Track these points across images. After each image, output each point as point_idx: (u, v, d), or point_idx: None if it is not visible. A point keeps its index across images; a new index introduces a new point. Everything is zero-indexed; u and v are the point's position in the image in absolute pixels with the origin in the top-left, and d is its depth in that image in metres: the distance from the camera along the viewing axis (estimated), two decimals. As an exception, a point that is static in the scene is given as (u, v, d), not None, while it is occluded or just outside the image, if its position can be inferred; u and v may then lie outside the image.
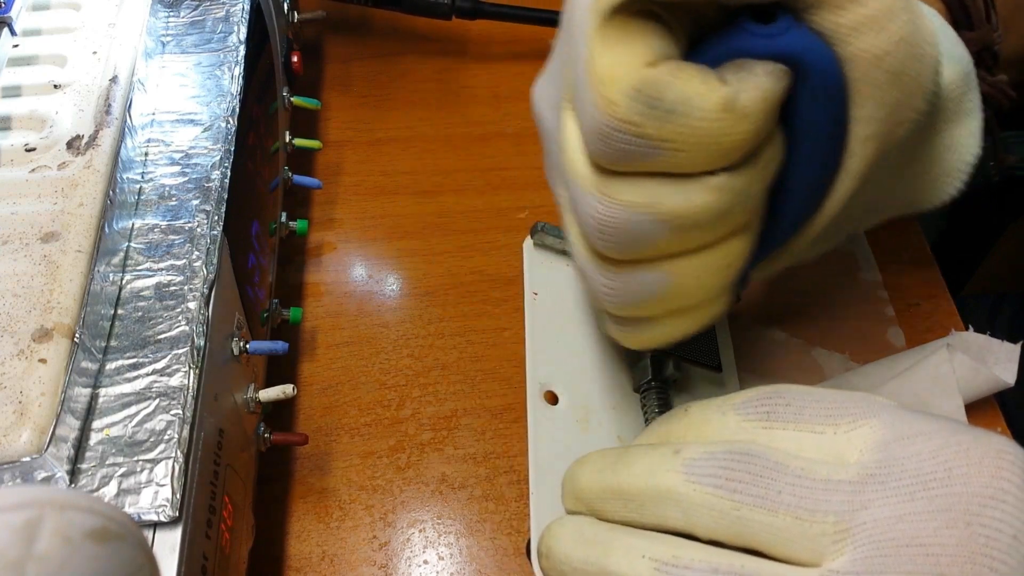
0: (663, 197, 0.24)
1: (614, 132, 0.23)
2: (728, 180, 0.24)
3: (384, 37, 0.55)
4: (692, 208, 0.24)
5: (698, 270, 0.26)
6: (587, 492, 0.27)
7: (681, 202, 0.24)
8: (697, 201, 0.24)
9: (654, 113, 0.22)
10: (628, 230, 0.24)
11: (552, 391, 0.34)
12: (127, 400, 0.27)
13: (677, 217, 0.24)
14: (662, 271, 0.26)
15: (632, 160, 0.23)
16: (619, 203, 0.24)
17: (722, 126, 0.22)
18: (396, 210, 0.47)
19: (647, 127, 0.22)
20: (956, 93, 0.28)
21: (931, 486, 0.22)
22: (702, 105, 0.22)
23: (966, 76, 0.28)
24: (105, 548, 0.17)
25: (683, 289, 0.26)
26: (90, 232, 0.29)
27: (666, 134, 0.22)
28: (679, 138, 0.22)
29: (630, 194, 0.24)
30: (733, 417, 0.26)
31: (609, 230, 0.25)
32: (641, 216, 0.24)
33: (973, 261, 0.66)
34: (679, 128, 0.22)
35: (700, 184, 0.24)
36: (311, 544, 0.36)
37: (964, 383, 0.35)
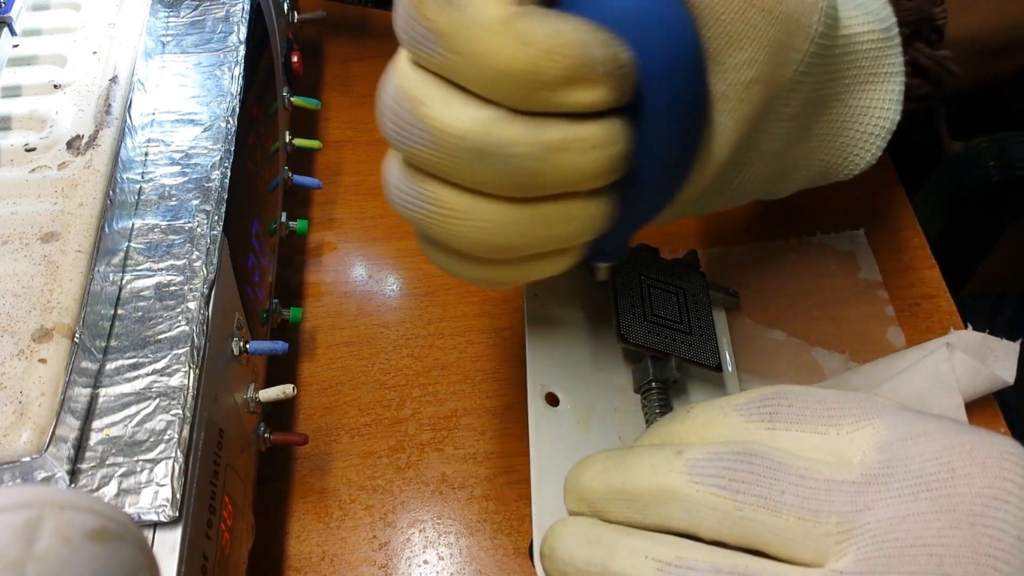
0: (432, 99, 0.22)
1: (406, 8, 0.22)
2: (496, 119, 0.22)
3: (384, 37, 0.55)
4: (447, 125, 0.22)
5: (452, 208, 0.24)
6: (590, 493, 0.27)
7: (442, 113, 0.22)
8: (456, 121, 0.22)
9: None
10: (399, 119, 0.23)
11: (553, 392, 0.34)
12: (127, 400, 0.27)
13: (432, 125, 0.22)
14: (423, 189, 0.24)
15: (419, 47, 0.22)
16: (398, 86, 0.23)
17: (496, 40, 0.21)
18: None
19: (427, 8, 0.21)
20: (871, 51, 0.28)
21: (934, 486, 0.22)
22: (481, 7, 0.21)
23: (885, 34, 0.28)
24: (105, 548, 0.17)
25: (438, 221, 0.24)
26: (90, 232, 0.29)
27: (442, 26, 0.21)
28: (453, 35, 0.21)
29: (410, 82, 0.23)
30: (736, 418, 0.26)
31: (386, 111, 0.23)
32: (402, 106, 0.23)
33: (973, 261, 0.66)
34: (454, 22, 0.21)
35: (467, 104, 0.22)
36: (311, 544, 0.36)
37: (964, 382, 0.35)
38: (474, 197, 0.24)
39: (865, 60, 0.28)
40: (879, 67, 0.28)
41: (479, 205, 0.24)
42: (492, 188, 0.24)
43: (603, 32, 0.22)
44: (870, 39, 0.27)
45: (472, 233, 0.24)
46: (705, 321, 0.36)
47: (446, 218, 0.24)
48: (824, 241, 0.43)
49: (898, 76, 0.28)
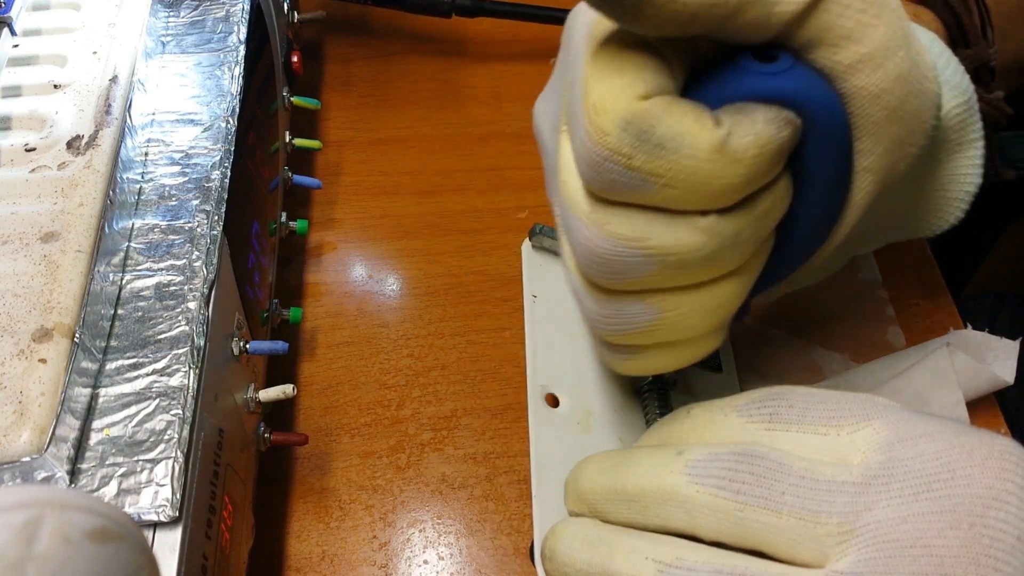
0: (651, 232, 0.23)
1: (604, 162, 0.22)
2: (718, 223, 0.23)
3: (384, 37, 0.55)
4: (679, 247, 0.23)
5: (687, 308, 0.26)
6: (590, 493, 0.27)
7: (669, 239, 0.23)
8: (685, 240, 0.23)
9: (644, 146, 0.22)
10: (615, 261, 0.24)
11: (553, 393, 0.34)
12: (127, 400, 0.27)
13: (664, 254, 0.24)
14: (650, 305, 0.25)
15: (622, 191, 0.23)
16: (607, 233, 0.24)
17: (712, 168, 0.22)
18: (396, 210, 0.47)
19: (636, 159, 0.22)
20: (957, 122, 0.28)
21: (935, 487, 0.22)
22: (692, 143, 0.22)
23: (967, 105, 0.28)
24: (105, 548, 0.17)
25: (672, 324, 0.26)
26: (90, 232, 0.29)
27: (655, 168, 0.22)
28: (668, 174, 0.22)
29: (619, 226, 0.24)
30: (736, 419, 0.26)
31: (597, 259, 0.24)
32: (629, 249, 0.24)
33: (973, 261, 0.66)
34: (668, 164, 0.22)
35: (690, 223, 0.23)
36: (311, 544, 0.36)
37: (964, 381, 0.35)
38: (700, 290, 0.25)
39: (952, 133, 0.28)
40: (963, 137, 0.29)
41: (718, 288, 0.26)
42: (718, 273, 0.25)
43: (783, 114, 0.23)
44: (956, 113, 0.28)
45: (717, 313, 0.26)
46: (705, 321, 0.36)
47: (687, 315, 0.26)
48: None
49: (979, 141, 0.29)
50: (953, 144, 0.29)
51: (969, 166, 0.29)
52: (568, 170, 0.25)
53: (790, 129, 0.23)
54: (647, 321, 0.26)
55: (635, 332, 0.26)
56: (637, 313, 0.26)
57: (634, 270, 0.24)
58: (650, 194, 0.23)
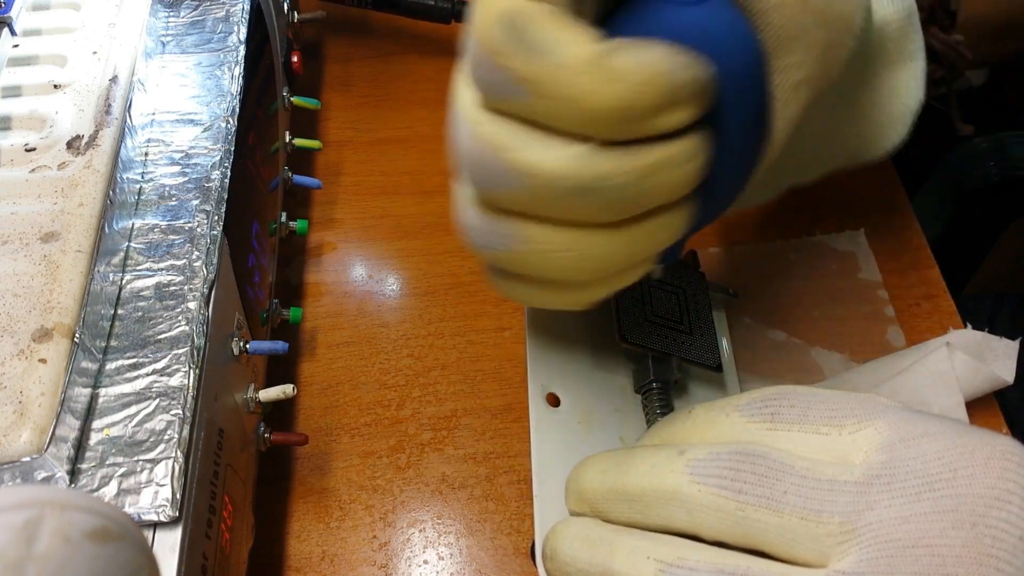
0: (519, 144, 0.22)
1: (482, 58, 0.22)
2: (591, 154, 0.22)
3: (384, 37, 0.55)
4: (544, 168, 0.22)
5: (557, 245, 0.24)
6: (591, 493, 0.27)
7: (534, 156, 0.22)
8: (552, 162, 0.22)
9: (519, 46, 0.21)
10: (482, 166, 0.23)
11: (554, 393, 0.34)
12: (127, 400, 0.27)
13: (524, 169, 0.22)
14: (511, 229, 0.24)
15: (499, 95, 0.22)
16: (477, 134, 0.23)
17: (585, 81, 0.21)
18: (396, 210, 0.47)
19: (509, 59, 0.21)
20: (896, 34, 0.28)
21: (936, 487, 0.22)
22: (566, 50, 0.21)
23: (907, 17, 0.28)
24: (105, 548, 0.17)
25: (537, 259, 0.25)
26: (90, 232, 0.29)
27: (527, 72, 0.21)
28: (538, 79, 0.21)
29: (490, 129, 0.23)
30: (737, 418, 0.26)
31: (466, 161, 0.23)
32: (492, 156, 0.23)
33: (973, 261, 0.66)
34: (539, 69, 0.21)
35: (562, 146, 0.22)
36: (311, 544, 0.36)
37: (964, 382, 0.35)
38: (570, 230, 0.24)
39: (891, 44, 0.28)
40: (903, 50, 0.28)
41: (576, 236, 0.24)
42: (589, 218, 0.24)
43: (684, 54, 0.22)
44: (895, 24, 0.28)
45: (572, 263, 0.24)
46: (705, 321, 0.36)
47: (542, 254, 0.24)
48: (824, 241, 0.43)
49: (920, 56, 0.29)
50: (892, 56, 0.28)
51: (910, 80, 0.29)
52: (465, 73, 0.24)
53: (690, 74, 0.22)
54: (511, 247, 0.25)
55: (501, 255, 0.25)
56: (498, 234, 0.24)
57: (498, 181, 0.23)
58: (526, 104, 0.22)
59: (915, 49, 0.29)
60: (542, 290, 0.27)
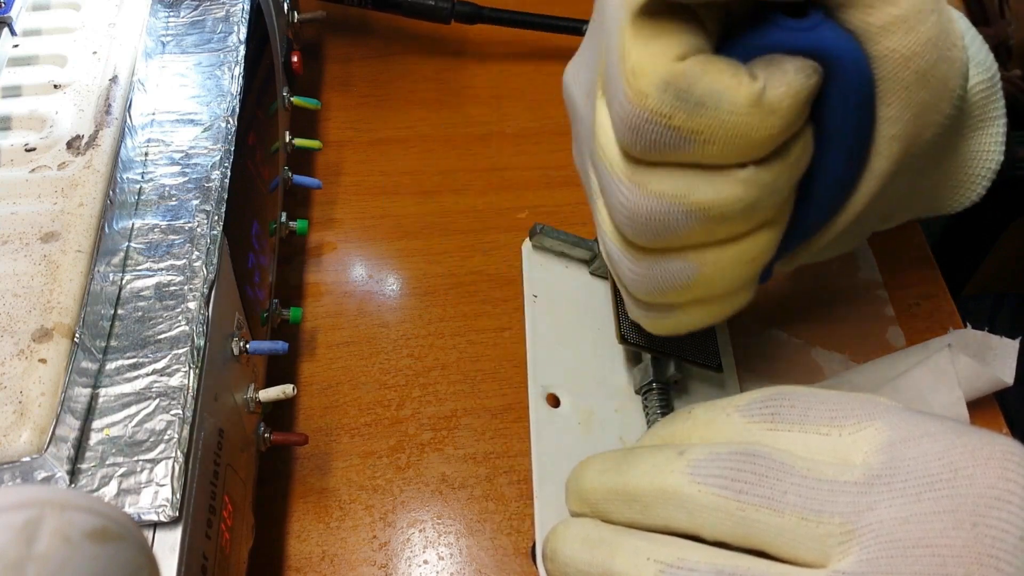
0: (692, 188, 0.24)
1: (644, 123, 0.23)
2: (756, 174, 0.24)
3: (384, 37, 0.55)
4: (721, 200, 0.24)
5: (725, 261, 0.26)
6: (591, 493, 0.27)
7: (710, 194, 0.24)
8: (726, 193, 0.24)
9: (683, 106, 0.23)
10: (657, 219, 0.25)
11: (554, 394, 0.34)
12: (127, 400, 0.27)
13: (706, 208, 0.24)
14: (689, 261, 0.26)
15: (662, 151, 0.24)
16: (649, 193, 0.24)
17: (750, 120, 0.23)
18: (396, 210, 0.47)
19: (676, 119, 0.23)
20: (981, 99, 0.28)
21: (937, 487, 0.22)
22: (731, 99, 0.22)
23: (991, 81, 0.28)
24: (105, 548, 0.17)
25: (709, 279, 0.27)
26: (90, 232, 0.29)
27: (695, 126, 0.23)
28: (708, 130, 0.23)
29: (660, 184, 0.24)
30: (738, 419, 0.26)
31: (639, 219, 0.25)
32: (670, 206, 0.24)
33: (973, 261, 0.66)
34: (708, 121, 0.23)
35: (729, 177, 0.24)
36: (311, 544, 0.36)
37: (965, 383, 0.35)
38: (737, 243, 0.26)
39: (976, 109, 0.29)
40: (986, 113, 0.29)
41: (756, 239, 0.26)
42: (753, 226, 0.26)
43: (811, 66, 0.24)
44: (980, 89, 0.28)
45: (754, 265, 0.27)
46: (705, 321, 0.36)
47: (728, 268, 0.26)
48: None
49: (1001, 119, 0.29)
50: (976, 120, 0.29)
51: (991, 143, 0.30)
52: (606, 135, 0.25)
53: (816, 78, 0.24)
54: (686, 277, 0.26)
55: (674, 289, 0.27)
56: (677, 270, 0.26)
57: (676, 227, 0.25)
58: (690, 152, 0.23)
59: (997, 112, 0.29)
60: (704, 308, 0.28)
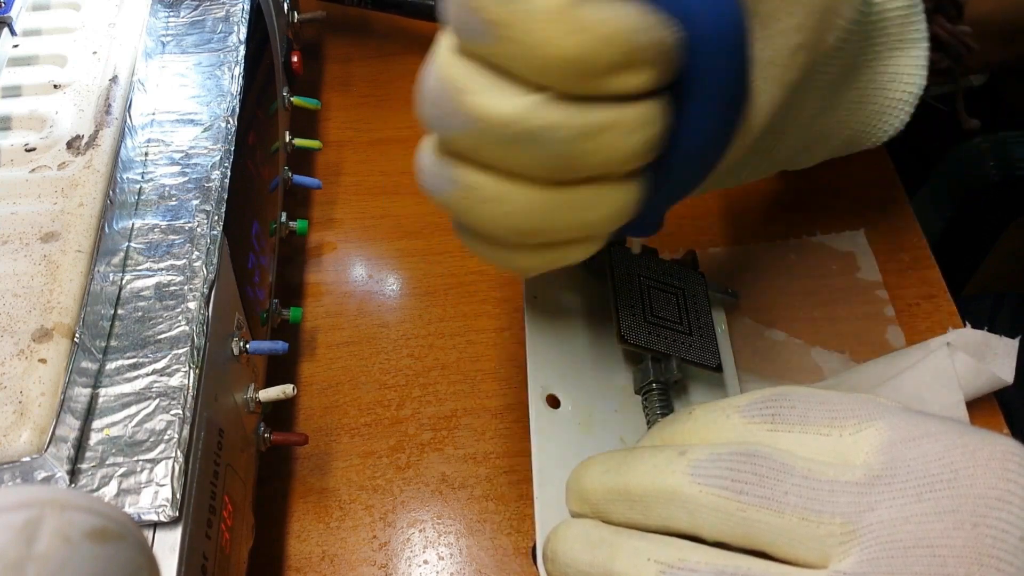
0: (474, 85, 0.22)
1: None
2: (540, 104, 0.22)
3: (384, 37, 0.55)
4: (491, 111, 0.22)
5: (486, 193, 0.24)
6: (592, 493, 0.27)
7: (486, 100, 0.22)
8: (500, 107, 0.22)
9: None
10: (435, 103, 0.23)
11: (554, 394, 0.34)
12: (127, 400, 0.27)
13: (469, 112, 0.22)
14: (455, 172, 0.24)
15: (470, 37, 0.22)
16: (439, 71, 0.23)
17: (551, 28, 0.21)
18: (396, 210, 0.47)
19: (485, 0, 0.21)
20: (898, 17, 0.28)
21: (937, 487, 0.22)
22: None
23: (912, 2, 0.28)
24: (105, 548, 0.17)
25: (469, 206, 0.25)
26: (90, 232, 0.29)
27: (497, 16, 0.21)
28: (508, 25, 0.21)
29: (452, 67, 0.23)
30: (738, 419, 0.26)
31: (424, 95, 0.24)
32: (448, 92, 0.23)
33: (973, 261, 0.66)
34: (511, 13, 0.21)
35: (513, 93, 0.22)
36: (311, 544, 0.36)
37: (965, 382, 0.35)
38: (508, 182, 0.24)
39: (893, 27, 0.28)
40: (905, 34, 0.28)
41: (512, 189, 0.24)
42: (529, 172, 0.24)
43: (654, 15, 0.22)
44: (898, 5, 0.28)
45: (503, 217, 0.24)
46: (705, 321, 0.36)
47: (479, 203, 0.24)
48: (824, 241, 0.43)
49: (923, 43, 0.29)
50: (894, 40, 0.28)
51: (911, 66, 0.29)
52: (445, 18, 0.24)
53: (655, 36, 0.22)
54: (447, 190, 0.25)
55: (439, 198, 0.25)
56: (442, 177, 0.25)
57: (451, 122, 0.23)
58: (491, 47, 0.22)
59: (918, 34, 0.28)
60: (492, 247, 0.27)
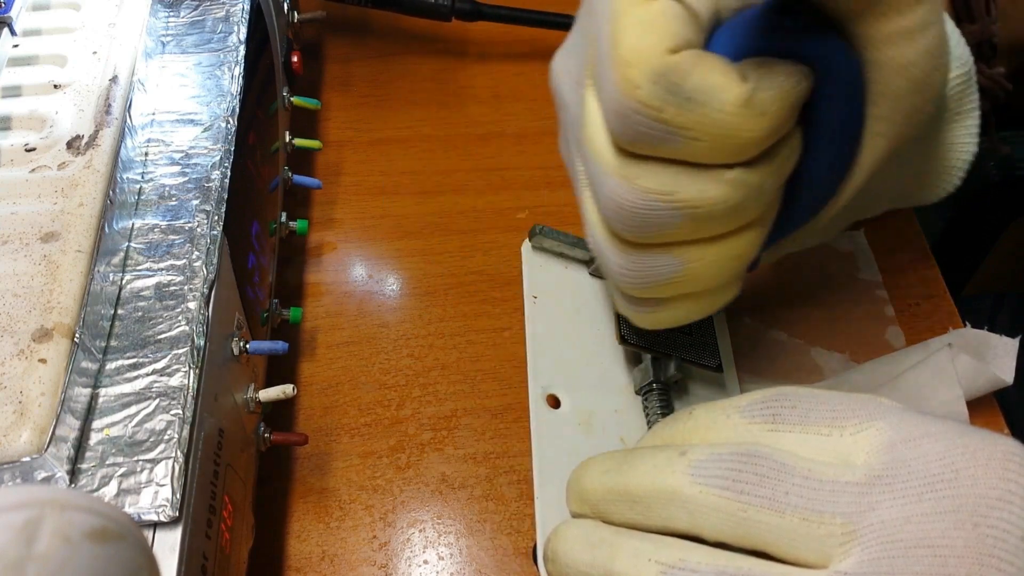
0: (680, 186, 0.24)
1: (634, 114, 0.23)
2: (743, 175, 0.24)
3: (384, 37, 0.55)
4: (707, 200, 0.24)
5: (710, 258, 0.26)
6: (592, 494, 0.27)
7: (696, 192, 0.24)
8: (712, 193, 0.24)
9: (674, 99, 0.23)
10: (643, 214, 0.25)
11: (554, 395, 0.34)
12: (127, 400, 0.27)
13: (692, 207, 0.24)
14: (675, 257, 0.26)
15: (651, 144, 0.24)
16: (636, 187, 0.24)
17: (739, 121, 0.23)
18: (396, 210, 0.47)
19: (666, 112, 0.23)
20: (958, 92, 0.29)
21: (938, 487, 0.22)
22: (721, 97, 0.22)
23: (967, 76, 0.29)
24: (105, 548, 0.17)
25: (696, 275, 0.27)
26: (90, 232, 0.29)
27: (684, 121, 0.23)
28: (697, 127, 0.23)
29: (648, 179, 0.24)
30: (738, 419, 0.26)
31: (625, 212, 0.25)
32: (658, 202, 0.24)
33: (973, 261, 0.66)
34: (697, 117, 0.23)
35: (716, 177, 0.24)
36: (311, 544, 0.36)
37: (966, 382, 0.35)
38: (722, 241, 0.26)
39: (952, 102, 0.29)
40: (962, 106, 0.30)
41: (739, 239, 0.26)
42: (738, 226, 0.26)
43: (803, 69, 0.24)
44: (957, 83, 0.29)
45: (736, 263, 0.27)
46: (705, 321, 0.36)
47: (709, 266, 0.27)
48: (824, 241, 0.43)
49: (976, 111, 0.30)
50: (952, 113, 0.30)
51: (966, 135, 0.30)
52: (594, 124, 0.25)
53: (807, 83, 0.24)
54: (672, 273, 0.27)
55: (659, 284, 0.27)
56: (663, 265, 0.27)
57: (661, 223, 0.25)
58: (678, 147, 0.23)
59: (971, 104, 0.30)
60: (691, 303, 0.29)
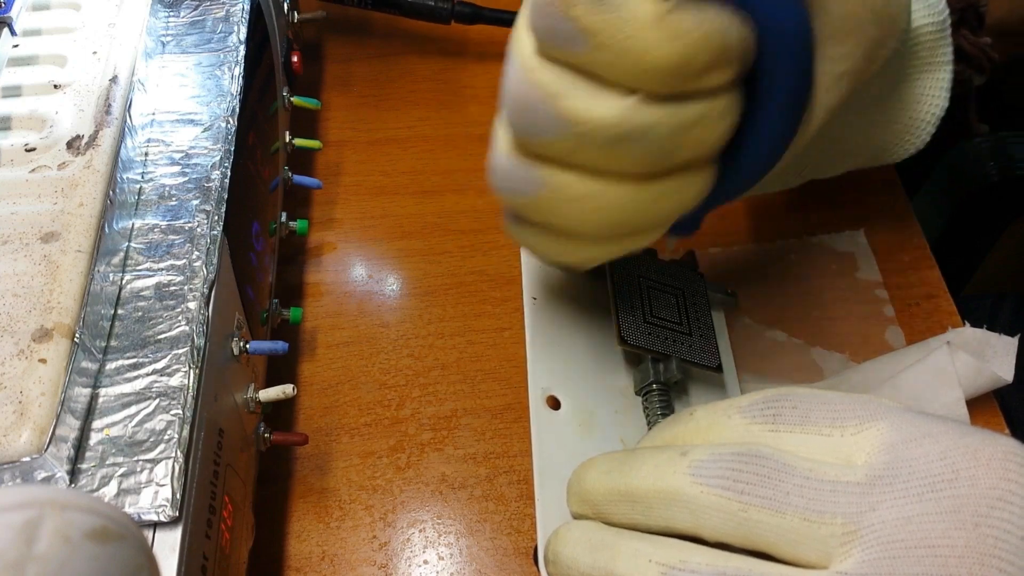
0: (571, 92, 0.23)
1: (549, 6, 0.22)
2: (637, 107, 0.23)
3: (384, 37, 0.55)
4: (590, 116, 0.23)
5: (573, 192, 0.25)
6: (593, 494, 0.27)
7: (582, 105, 0.23)
8: (598, 112, 0.23)
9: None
10: (529, 110, 0.24)
11: (554, 396, 0.34)
12: (127, 400, 0.27)
13: (570, 118, 0.23)
14: (540, 174, 0.25)
15: (559, 44, 0.23)
16: (529, 80, 0.24)
17: (647, 36, 0.22)
18: (396, 210, 0.47)
19: (577, 8, 0.22)
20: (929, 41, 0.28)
21: (939, 487, 0.22)
22: (634, 6, 0.22)
23: (941, 26, 0.29)
24: (105, 548, 0.17)
25: (552, 205, 0.25)
26: (90, 232, 0.29)
27: (592, 23, 0.22)
28: (603, 33, 0.22)
29: (544, 74, 0.23)
30: (739, 420, 0.26)
31: (511, 102, 0.24)
32: (541, 101, 0.23)
33: (973, 261, 0.66)
34: (605, 21, 0.22)
35: (610, 97, 0.23)
36: (311, 544, 0.36)
37: (965, 381, 0.35)
38: (599, 180, 0.25)
39: (923, 51, 0.29)
40: (934, 56, 0.29)
41: (604, 187, 0.25)
42: (622, 169, 0.24)
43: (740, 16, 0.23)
44: (928, 31, 0.28)
45: (593, 213, 0.25)
46: (705, 322, 0.36)
47: (567, 201, 0.25)
48: (824, 241, 0.43)
49: (948, 65, 0.29)
50: (923, 62, 0.29)
51: (936, 87, 0.30)
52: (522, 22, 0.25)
53: (739, 32, 0.23)
54: (529, 190, 0.25)
55: (527, 200, 0.26)
56: (525, 179, 0.25)
57: (537, 126, 0.24)
58: (582, 53, 0.22)
59: (944, 57, 0.29)
60: (556, 240, 0.27)
